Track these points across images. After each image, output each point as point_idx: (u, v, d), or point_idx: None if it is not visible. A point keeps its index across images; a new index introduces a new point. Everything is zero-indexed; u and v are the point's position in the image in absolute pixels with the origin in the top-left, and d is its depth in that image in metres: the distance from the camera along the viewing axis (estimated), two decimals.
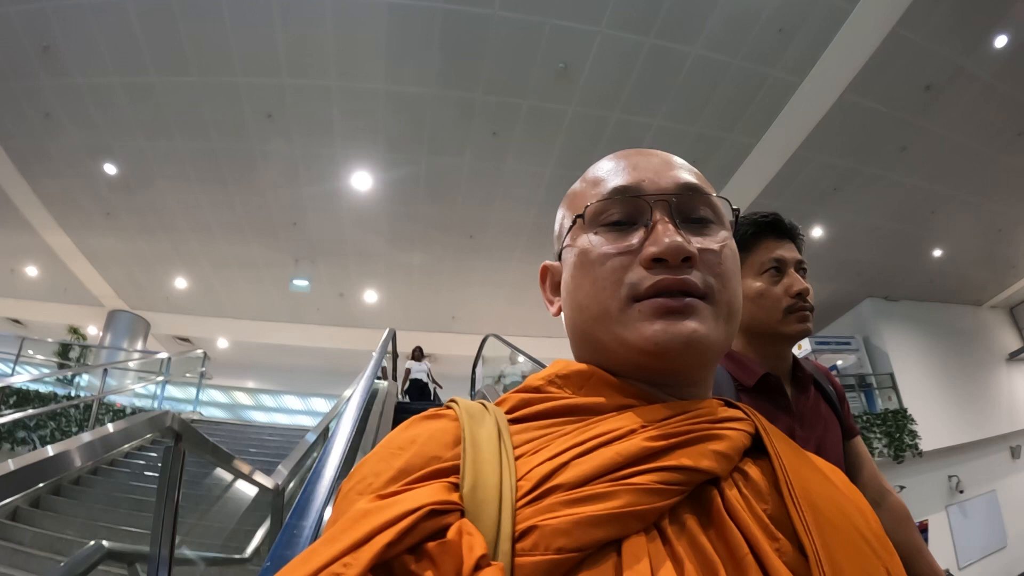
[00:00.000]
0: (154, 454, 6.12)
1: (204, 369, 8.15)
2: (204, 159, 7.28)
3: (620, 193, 0.53)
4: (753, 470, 0.46)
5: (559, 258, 0.59)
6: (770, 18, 5.39)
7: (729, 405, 0.51)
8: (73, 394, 8.24)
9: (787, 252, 1.19)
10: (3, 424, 6.89)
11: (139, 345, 11.44)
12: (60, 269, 10.16)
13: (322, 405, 11.60)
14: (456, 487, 0.41)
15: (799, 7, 5.33)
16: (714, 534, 0.41)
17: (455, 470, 0.42)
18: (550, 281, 0.61)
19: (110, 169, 7.61)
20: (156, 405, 8.07)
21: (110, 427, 1.73)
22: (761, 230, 1.21)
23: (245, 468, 2.63)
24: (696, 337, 0.47)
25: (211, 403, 10.99)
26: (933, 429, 8.93)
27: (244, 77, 6.05)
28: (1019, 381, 10.48)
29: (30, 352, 9.37)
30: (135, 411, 8.08)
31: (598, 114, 6.40)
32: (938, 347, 9.99)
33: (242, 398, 12.85)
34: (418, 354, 8.90)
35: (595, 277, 0.51)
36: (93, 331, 11.91)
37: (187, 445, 1.95)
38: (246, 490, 3.69)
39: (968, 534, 9.10)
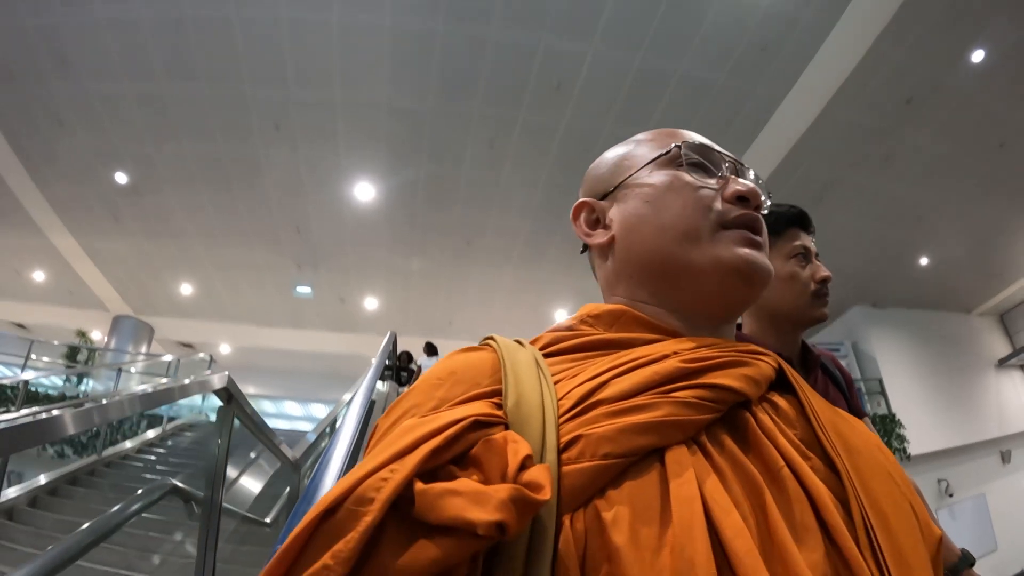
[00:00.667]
0: (162, 449, 6.45)
1: (210, 372, 8.46)
2: (211, 166, 7.61)
3: (706, 147, 0.60)
4: (780, 401, 0.49)
5: (602, 197, 0.63)
6: (753, 37, 5.73)
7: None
8: (81, 396, 8.54)
9: (809, 243, 1.30)
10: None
11: (143, 350, 11.73)
12: (67, 272, 10.48)
13: (322, 411, 11.83)
14: (499, 406, 0.42)
15: (781, 27, 5.67)
16: (749, 450, 0.43)
17: (497, 393, 0.44)
18: (587, 217, 0.64)
19: (120, 175, 7.94)
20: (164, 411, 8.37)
21: (185, 380, 2.08)
22: (790, 219, 1.31)
23: (273, 439, 2.97)
24: (768, 270, 0.54)
25: (212, 408, 11.26)
26: (921, 433, 9.13)
27: (252, 89, 6.39)
28: (1008, 387, 10.66)
29: (33, 356, 9.65)
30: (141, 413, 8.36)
31: (590, 126, 6.72)
32: (926, 353, 10.18)
33: (267, 407, 13.12)
34: (430, 350, 9.07)
35: (685, 202, 0.56)
36: (97, 336, 12.18)
37: (234, 407, 2.29)
38: (269, 465, 4.01)
39: (957, 537, 8.92)
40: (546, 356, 0.51)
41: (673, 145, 0.59)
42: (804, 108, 6.40)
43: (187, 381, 2.17)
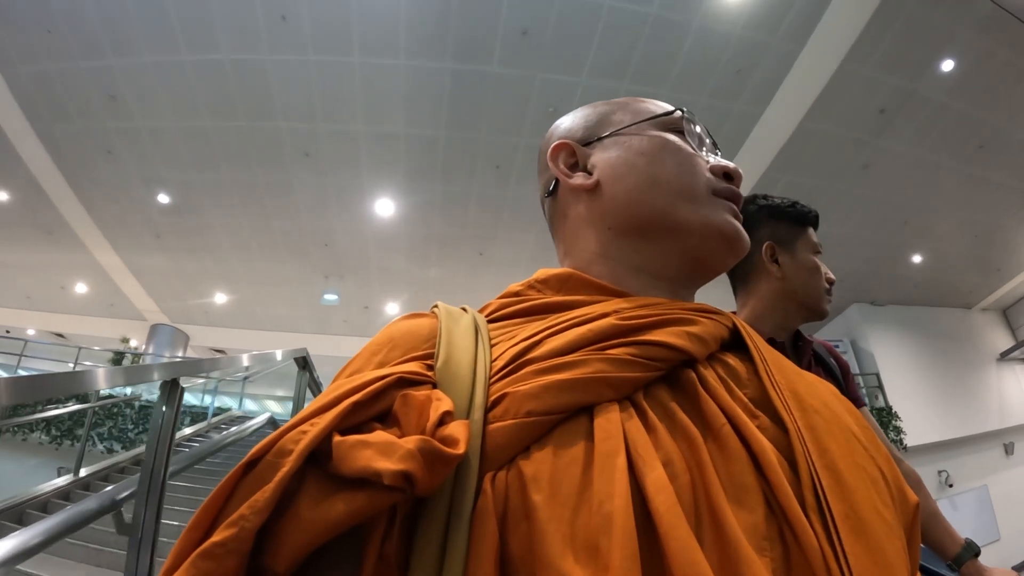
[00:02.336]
0: (195, 444, 7.48)
1: (249, 374, 9.46)
2: (247, 189, 8.58)
3: (690, 120, 0.63)
4: (733, 360, 0.49)
5: (585, 144, 0.63)
6: (728, 62, 6.52)
7: None
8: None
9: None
10: (64, 423, 8.27)
11: (179, 355, 12.82)
12: (108, 286, 11.51)
13: None
14: (431, 368, 0.43)
15: (752, 52, 6.42)
16: (690, 408, 0.42)
17: (431, 355, 0.45)
18: (566, 159, 0.63)
19: (163, 198, 8.85)
20: (210, 406, 9.49)
21: (277, 351, 3.14)
22: (813, 219, 1.43)
23: None
24: (748, 245, 0.58)
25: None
26: (919, 425, 9.63)
27: (285, 123, 7.36)
28: (1010, 380, 11.07)
29: (69, 365, 10.67)
30: (184, 410, 9.44)
31: None
32: (925, 348, 10.65)
33: (272, 406, 14.21)
34: None
35: (681, 162, 0.58)
36: (134, 343, 13.23)
37: (308, 371, 3.36)
38: None
39: (959, 527, 9.23)
40: (492, 322, 0.53)
41: (676, 109, 0.62)
42: (781, 123, 7.15)
43: (279, 352, 3.24)
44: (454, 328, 0.48)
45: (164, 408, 2.06)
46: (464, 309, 0.54)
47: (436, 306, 0.54)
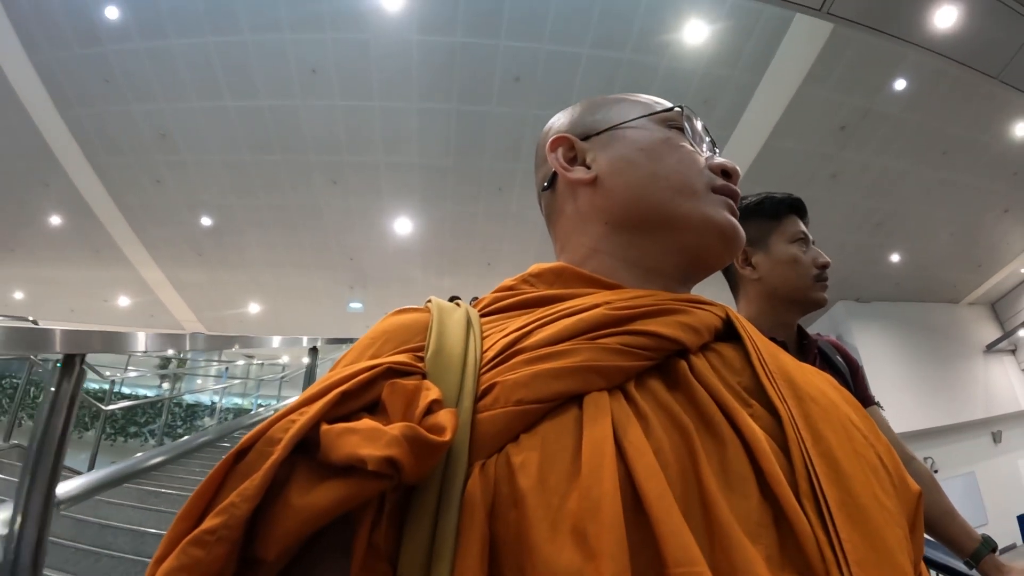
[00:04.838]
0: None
1: (284, 374, 10.91)
2: (281, 212, 9.86)
3: (690, 119, 0.65)
4: (727, 350, 0.51)
5: (583, 139, 0.66)
6: (696, 94, 7.66)
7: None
8: (176, 398, 11.07)
9: (807, 230, 1.42)
10: (118, 421, 9.66)
11: (215, 360, 14.13)
12: (150, 299, 12.80)
13: None
14: (422, 359, 0.45)
15: (716, 84, 7.53)
16: (682, 397, 0.44)
17: (422, 348, 0.47)
18: (566, 154, 0.66)
19: (205, 220, 10.10)
20: (253, 404, 10.84)
21: (303, 339, 4.65)
22: (789, 205, 1.44)
23: None
24: (744, 241, 0.61)
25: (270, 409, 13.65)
26: (903, 414, 10.13)
27: (315, 156, 8.70)
28: (997, 371, 11.55)
29: (110, 373, 11.95)
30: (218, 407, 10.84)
31: None
32: (910, 342, 11.22)
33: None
34: None
35: (681, 158, 0.61)
36: (171, 352, 14.60)
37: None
38: None
39: None
40: (485, 315, 0.55)
41: (675, 106, 0.66)
42: (748, 144, 8.21)
43: (327, 339, 4.76)
44: (446, 321, 0.50)
45: (311, 360, 4.71)
46: (458, 304, 0.55)
47: (430, 300, 0.56)
